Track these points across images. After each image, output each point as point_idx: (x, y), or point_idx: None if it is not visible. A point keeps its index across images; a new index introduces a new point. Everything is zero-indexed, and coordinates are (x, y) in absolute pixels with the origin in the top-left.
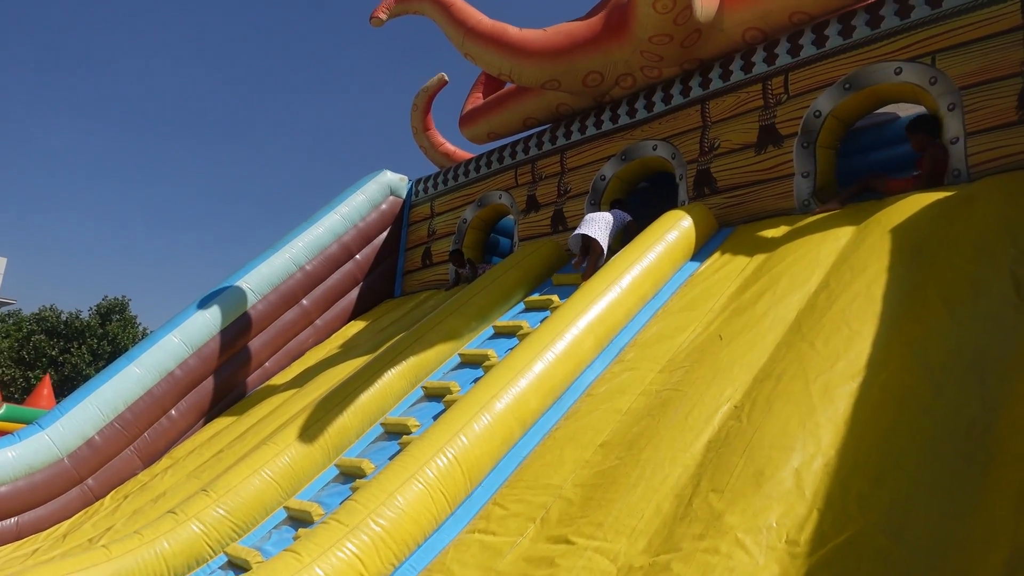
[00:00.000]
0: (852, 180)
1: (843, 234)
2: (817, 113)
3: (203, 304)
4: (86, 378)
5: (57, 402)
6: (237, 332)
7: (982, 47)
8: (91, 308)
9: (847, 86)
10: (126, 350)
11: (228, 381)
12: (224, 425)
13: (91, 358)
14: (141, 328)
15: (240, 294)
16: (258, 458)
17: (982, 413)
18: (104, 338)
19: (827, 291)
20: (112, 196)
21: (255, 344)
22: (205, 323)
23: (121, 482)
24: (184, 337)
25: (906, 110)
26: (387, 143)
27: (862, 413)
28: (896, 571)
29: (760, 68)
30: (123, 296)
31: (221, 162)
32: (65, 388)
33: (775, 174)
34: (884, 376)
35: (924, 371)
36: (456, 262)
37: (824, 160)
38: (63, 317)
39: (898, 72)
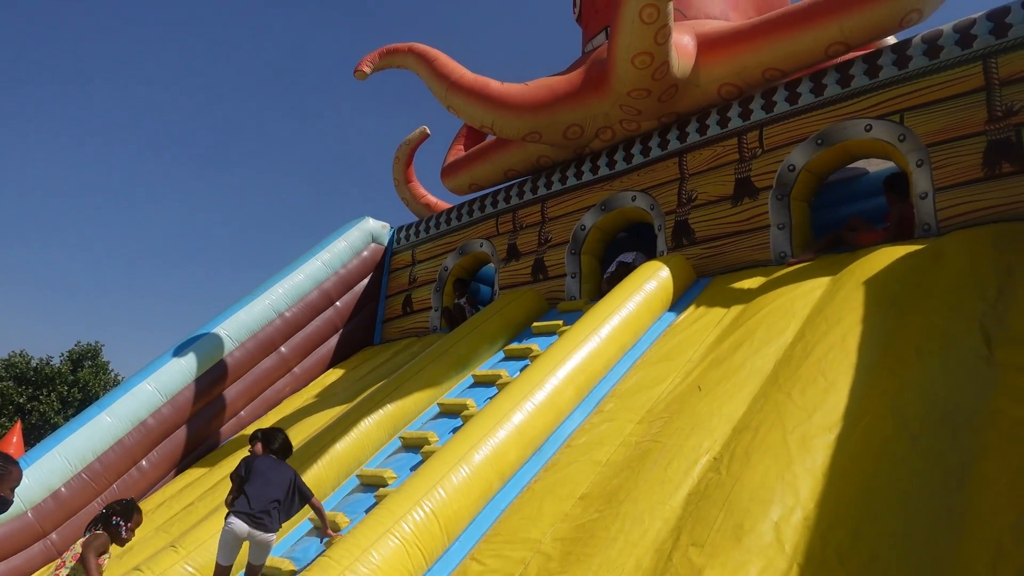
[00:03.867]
0: (826, 231)
1: (817, 285)
2: (791, 167)
3: (179, 351)
4: (54, 426)
5: (26, 451)
6: (213, 380)
7: (948, 106)
8: (63, 354)
9: (819, 141)
10: (97, 397)
11: (202, 431)
12: (196, 476)
13: (60, 406)
14: (113, 374)
15: (217, 341)
16: None
17: (956, 466)
18: (75, 385)
19: (803, 342)
20: (88, 238)
21: (231, 392)
22: (180, 371)
23: None
24: (158, 385)
25: (876, 165)
26: (370, 189)
27: (840, 464)
28: None
29: (736, 123)
30: (96, 341)
31: (200, 207)
32: (32, 437)
33: (751, 226)
34: (861, 427)
35: (900, 423)
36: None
37: (798, 212)
38: (33, 363)
39: (868, 129)
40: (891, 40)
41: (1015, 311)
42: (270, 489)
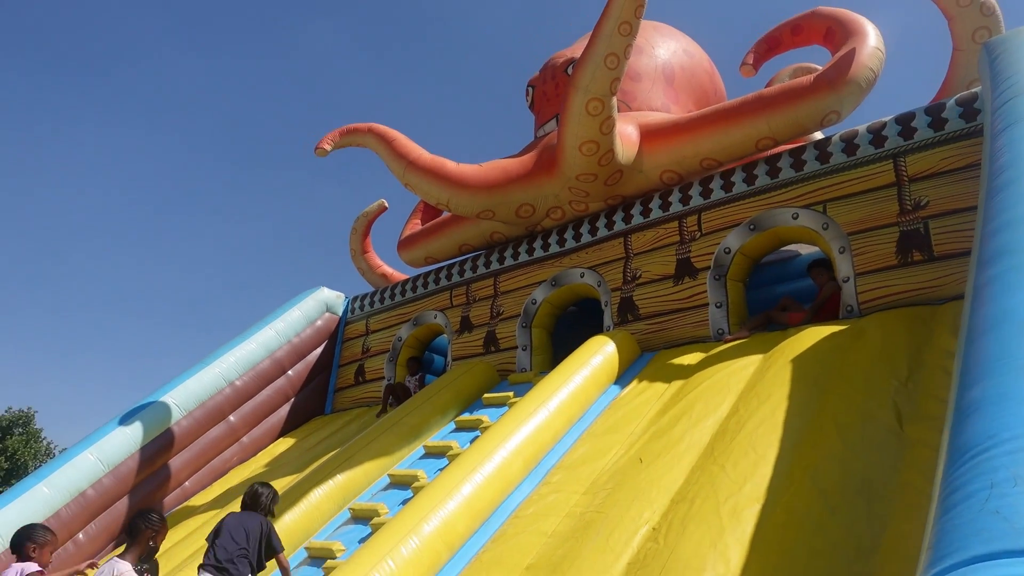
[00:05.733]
0: (761, 308)
1: (751, 363)
2: (727, 250)
3: (124, 420)
4: None
5: None
6: (158, 449)
7: (865, 199)
8: None
9: (752, 227)
10: (25, 467)
11: (143, 501)
12: None
13: None
14: (45, 443)
15: (164, 409)
16: None
17: (868, 534)
18: (3, 453)
19: (736, 416)
20: (19, 298)
21: (176, 462)
22: (124, 440)
23: None
24: (100, 455)
25: (808, 248)
26: (326, 259)
27: (766, 533)
28: None
29: (676, 207)
30: (28, 408)
31: (148, 269)
32: None
33: (691, 303)
34: (786, 499)
35: (819, 495)
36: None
37: (734, 291)
38: None
39: (795, 217)
40: (818, 135)
41: (922, 390)
42: (238, 538)
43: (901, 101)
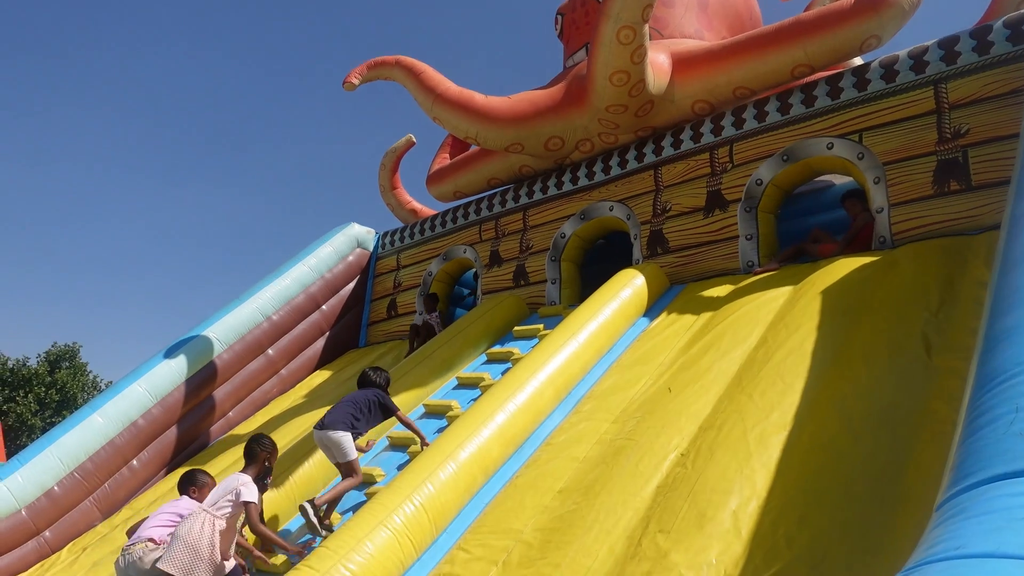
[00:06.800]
0: (792, 240)
1: (780, 294)
2: (759, 181)
3: (169, 353)
4: (31, 428)
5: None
6: (202, 382)
7: (903, 127)
8: (39, 355)
9: (785, 158)
10: (75, 399)
11: (191, 431)
12: None
13: (37, 407)
14: (92, 376)
15: (206, 344)
16: None
17: (892, 460)
18: (52, 386)
19: (765, 347)
20: (65, 238)
21: (219, 394)
22: (170, 372)
23: (79, 534)
24: (149, 386)
25: (842, 178)
26: (356, 195)
27: (792, 459)
28: None
29: (708, 138)
30: (74, 343)
31: (181, 207)
32: (9, 438)
33: (721, 236)
34: (811, 426)
35: (845, 422)
36: (427, 307)
37: (765, 224)
38: (9, 364)
39: (830, 147)
40: (856, 61)
41: (953, 321)
42: (343, 406)
43: (943, 26)
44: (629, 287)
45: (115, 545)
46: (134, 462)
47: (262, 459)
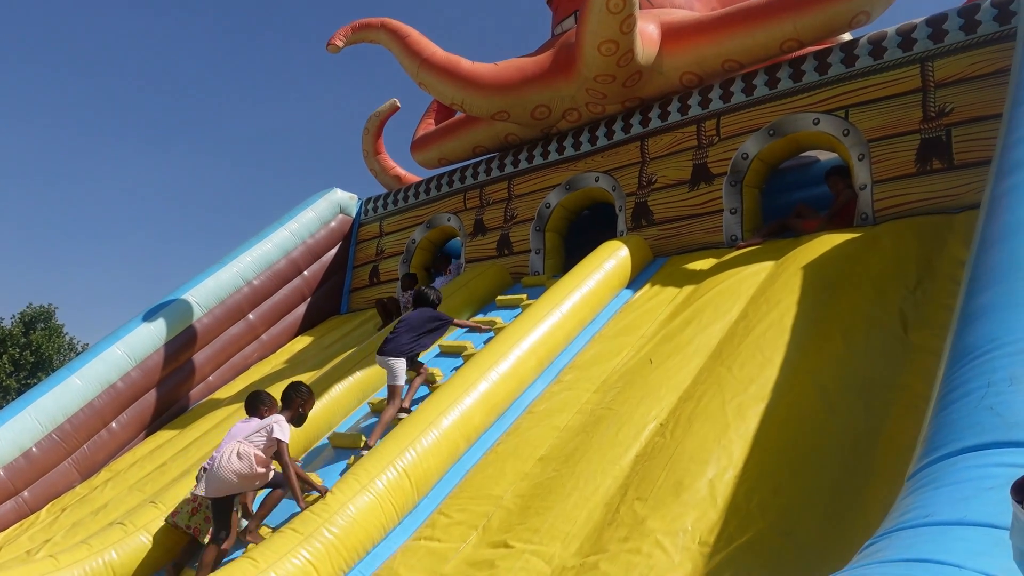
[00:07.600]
0: (777, 215)
1: (763, 269)
2: (744, 155)
3: (148, 316)
4: (6, 389)
5: None
6: (181, 345)
7: (888, 105)
8: (14, 316)
9: (771, 132)
10: (50, 360)
11: (170, 394)
12: (166, 438)
13: (12, 368)
14: (67, 338)
15: (186, 307)
16: None
17: (866, 432)
18: (27, 348)
19: (745, 321)
20: (39, 199)
21: (199, 358)
22: (150, 336)
23: (58, 495)
24: (128, 349)
25: (827, 153)
26: (338, 160)
27: (768, 430)
28: (787, 566)
29: (695, 111)
30: (49, 304)
31: (161, 169)
32: None
33: (706, 209)
34: (788, 398)
35: (821, 395)
36: (404, 285)
37: (750, 198)
38: None
39: (816, 122)
40: (845, 37)
41: (930, 298)
42: (402, 332)
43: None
44: (613, 258)
45: (95, 505)
46: (113, 424)
47: (296, 405)
